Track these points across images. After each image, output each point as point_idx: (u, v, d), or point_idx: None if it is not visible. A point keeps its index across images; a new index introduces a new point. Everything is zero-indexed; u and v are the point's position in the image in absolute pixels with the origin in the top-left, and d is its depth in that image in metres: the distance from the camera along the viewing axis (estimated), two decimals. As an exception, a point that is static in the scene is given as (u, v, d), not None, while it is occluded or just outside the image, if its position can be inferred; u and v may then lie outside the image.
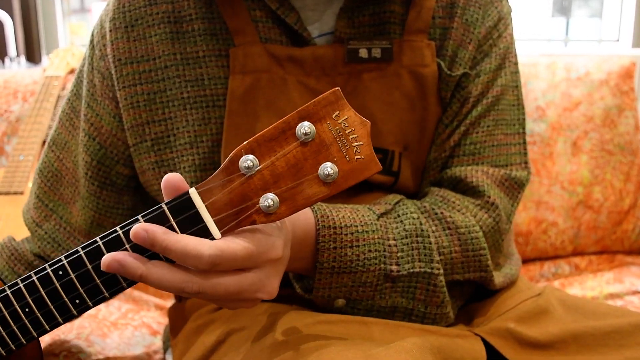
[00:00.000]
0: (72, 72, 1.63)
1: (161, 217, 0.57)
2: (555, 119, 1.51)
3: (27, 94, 1.53)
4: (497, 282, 0.83)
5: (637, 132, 1.53)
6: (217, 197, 0.57)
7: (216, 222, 0.57)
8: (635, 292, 1.35)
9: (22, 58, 2.34)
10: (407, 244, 0.75)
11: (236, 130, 0.80)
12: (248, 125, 0.80)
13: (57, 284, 0.60)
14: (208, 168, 0.81)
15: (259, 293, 0.59)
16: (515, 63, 0.90)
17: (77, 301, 0.60)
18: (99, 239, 0.58)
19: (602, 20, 3.09)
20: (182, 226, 0.57)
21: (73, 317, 0.62)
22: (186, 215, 0.57)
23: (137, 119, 0.82)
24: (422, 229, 0.76)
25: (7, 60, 2.26)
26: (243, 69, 0.80)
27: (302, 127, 0.55)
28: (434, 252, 0.76)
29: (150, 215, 0.57)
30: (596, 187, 1.50)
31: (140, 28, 0.82)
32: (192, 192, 0.57)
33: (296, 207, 0.56)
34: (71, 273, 0.59)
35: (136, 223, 0.57)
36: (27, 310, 0.62)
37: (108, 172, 0.86)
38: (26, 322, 0.63)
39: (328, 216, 0.72)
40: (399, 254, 0.74)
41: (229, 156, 0.56)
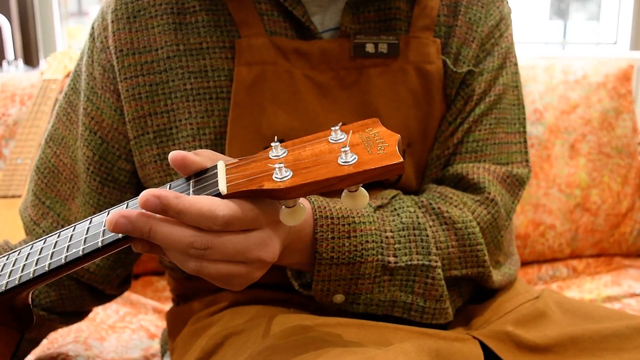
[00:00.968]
0: (70, 75, 1.63)
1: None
2: (553, 121, 1.51)
3: (25, 97, 1.53)
4: (495, 280, 0.83)
5: (635, 135, 1.53)
6: (238, 166, 0.60)
7: (228, 184, 0.58)
8: (633, 295, 1.35)
9: (20, 61, 2.33)
10: (404, 236, 0.75)
11: (241, 121, 0.80)
12: (253, 117, 0.80)
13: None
14: None
15: (262, 252, 0.59)
16: (516, 64, 0.90)
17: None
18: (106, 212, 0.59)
19: (599, 23, 3.10)
20: (196, 187, 0.60)
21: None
22: (205, 176, 0.60)
23: (139, 110, 0.82)
24: (419, 222, 0.76)
25: (4, 63, 2.26)
26: (249, 60, 0.80)
27: (336, 132, 0.59)
28: (431, 245, 0.76)
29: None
30: (594, 190, 1.50)
31: (142, 19, 0.82)
32: (220, 162, 0.60)
33: (305, 180, 0.56)
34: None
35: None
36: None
37: (110, 167, 0.86)
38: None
39: (325, 207, 0.72)
40: (396, 246, 0.74)
41: (263, 151, 0.60)
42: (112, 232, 0.57)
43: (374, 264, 0.73)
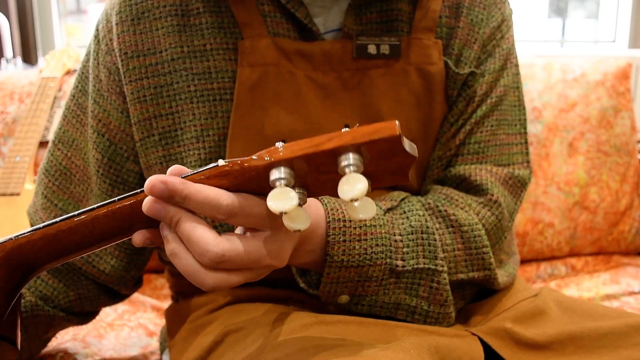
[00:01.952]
0: (69, 73, 1.63)
1: None
2: (552, 120, 1.51)
3: (24, 95, 1.53)
4: (500, 282, 0.83)
5: (633, 133, 1.53)
6: (236, 162, 0.59)
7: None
8: (631, 293, 1.35)
9: (19, 59, 2.34)
10: (413, 240, 0.75)
11: (243, 122, 0.80)
12: (255, 118, 0.80)
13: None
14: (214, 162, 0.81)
15: (274, 260, 0.60)
16: (516, 65, 0.91)
17: None
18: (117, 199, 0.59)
19: (598, 21, 3.10)
20: None
21: None
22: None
23: (144, 113, 0.82)
24: (427, 226, 0.77)
25: (3, 61, 2.26)
26: (251, 61, 0.80)
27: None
28: (438, 249, 0.76)
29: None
30: (592, 188, 1.50)
31: (146, 21, 0.82)
32: (220, 161, 0.59)
33: (294, 153, 0.54)
34: None
35: None
36: None
37: (119, 169, 0.86)
38: None
39: (337, 209, 0.72)
40: (404, 249, 0.74)
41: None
42: (149, 195, 0.56)
43: (382, 267, 0.73)
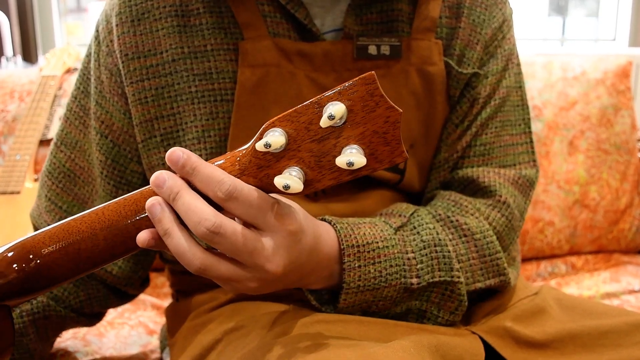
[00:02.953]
0: (69, 71, 1.63)
1: None
2: (552, 118, 1.51)
3: (24, 93, 1.53)
4: (512, 281, 0.83)
5: (634, 132, 1.53)
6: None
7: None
8: (631, 292, 1.35)
9: (19, 58, 2.34)
10: (426, 254, 0.74)
11: (244, 123, 0.80)
12: (256, 118, 0.80)
13: None
14: None
15: (267, 262, 0.60)
16: (518, 64, 0.91)
17: None
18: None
19: (598, 19, 3.10)
20: None
21: None
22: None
23: (146, 114, 0.82)
24: (440, 239, 0.76)
25: (3, 59, 2.26)
26: (252, 62, 0.80)
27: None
28: (453, 261, 0.75)
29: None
30: (592, 187, 1.50)
31: (146, 22, 0.82)
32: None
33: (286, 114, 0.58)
34: None
35: None
36: None
37: (123, 170, 0.86)
38: None
39: (350, 235, 0.71)
40: (418, 266, 0.74)
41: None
42: (151, 183, 0.60)
43: (397, 287, 0.73)
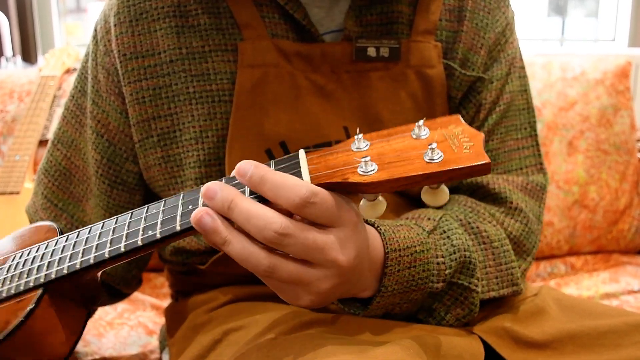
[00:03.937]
0: (68, 72, 1.63)
1: None
2: (551, 118, 1.51)
3: (23, 93, 1.53)
4: (523, 290, 0.82)
5: (633, 132, 1.53)
6: (320, 156, 0.59)
7: (311, 174, 0.58)
8: (631, 292, 1.35)
9: (18, 58, 2.33)
10: (455, 259, 0.73)
11: (243, 123, 0.80)
12: (255, 118, 0.80)
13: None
14: (213, 164, 0.81)
15: (340, 254, 0.58)
16: (522, 67, 0.91)
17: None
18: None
19: (597, 19, 3.10)
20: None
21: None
22: (286, 165, 0.59)
23: (143, 114, 0.82)
24: (468, 245, 0.75)
25: (3, 60, 2.26)
26: (252, 62, 0.80)
27: (419, 127, 0.58)
28: (476, 269, 0.74)
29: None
30: (592, 187, 1.50)
31: (145, 22, 0.82)
32: (301, 151, 0.59)
33: (392, 176, 0.55)
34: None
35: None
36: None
37: (119, 170, 0.86)
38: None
39: (393, 238, 0.70)
40: (446, 272, 0.72)
41: (344, 142, 0.60)
42: (202, 197, 0.57)
43: (424, 292, 0.72)
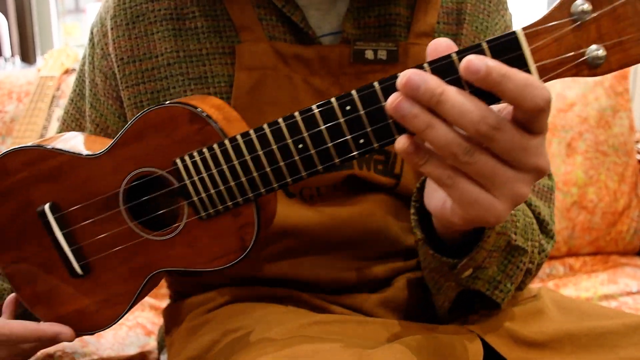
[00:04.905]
0: (67, 72, 1.63)
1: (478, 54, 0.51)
2: (550, 119, 1.51)
3: (22, 94, 1.53)
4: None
5: (632, 133, 1.54)
6: (543, 41, 0.52)
7: (538, 69, 0.52)
8: (629, 293, 1.35)
9: (17, 58, 2.33)
10: (521, 218, 0.75)
11: None
12: (253, 120, 0.79)
13: (341, 120, 0.58)
14: None
15: (541, 159, 0.53)
16: None
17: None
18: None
19: (596, 21, 3.10)
20: None
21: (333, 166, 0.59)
22: (509, 57, 0.51)
23: None
24: (531, 203, 0.79)
25: (1, 60, 2.26)
26: (249, 65, 0.80)
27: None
28: (535, 233, 0.77)
29: (465, 53, 0.51)
30: (590, 188, 1.50)
31: (141, 25, 0.82)
32: (519, 32, 0.51)
33: (626, 62, 0.50)
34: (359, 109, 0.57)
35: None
36: (300, 146, 0.60)
37: None
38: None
39: None
40: (517, 224, 0.73)
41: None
42: (401, 88, 0.51)
43: (506, 237, 0.71)
